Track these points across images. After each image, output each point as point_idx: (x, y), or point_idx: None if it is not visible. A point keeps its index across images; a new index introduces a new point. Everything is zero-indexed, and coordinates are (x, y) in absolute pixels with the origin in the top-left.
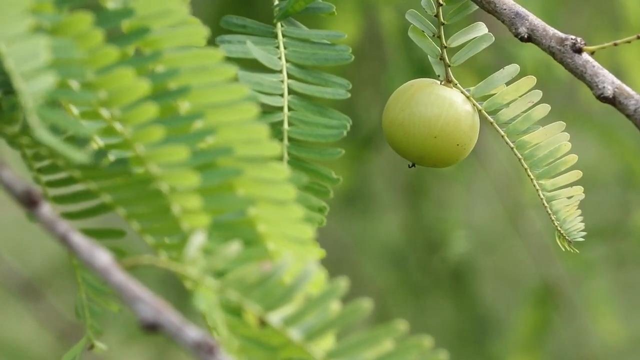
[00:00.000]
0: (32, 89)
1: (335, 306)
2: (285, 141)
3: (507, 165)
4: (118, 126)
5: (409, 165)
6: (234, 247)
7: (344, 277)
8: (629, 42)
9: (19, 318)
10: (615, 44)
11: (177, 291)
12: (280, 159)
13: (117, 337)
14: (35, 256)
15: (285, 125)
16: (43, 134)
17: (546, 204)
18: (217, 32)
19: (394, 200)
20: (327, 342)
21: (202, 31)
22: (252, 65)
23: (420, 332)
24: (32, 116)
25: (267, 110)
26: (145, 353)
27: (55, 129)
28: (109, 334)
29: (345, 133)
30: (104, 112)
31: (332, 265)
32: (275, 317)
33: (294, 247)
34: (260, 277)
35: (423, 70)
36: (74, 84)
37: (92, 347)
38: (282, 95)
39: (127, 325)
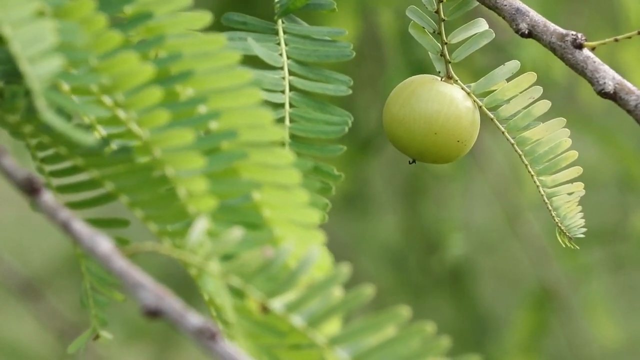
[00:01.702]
0: (38, 72)
1: (337, 292)
2: (287, 138)
3: (506, 167)
4: (122, 114)
5: (409, 161)
6: (236, 233)
7: (346, 263)
8: (629, 37)
9: (19, 318)
10: (617, 40)
11: (179, 281)
12: (284, 144)
13: (117, 336)
14: (35, 256)
15: (287, 122)
16: (50, 117)
17: (547, 201)
18: (218, 29)
19: (393, 200)
20: (329, 328)
21: (205, 17)
22: (253, 62)
23: None
24: (40, 99)
25: (269, 107)
26: (145, 353)
27: (61, 113)
28: (109, 333)
29: (346, 129)
30: (107, 100)
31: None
32: (277, 304)
33: (298, 232)
34: (263, 263)
35: (422, 71)
36: (77, 70)
37: (97, 337)
38: (283, 91)
39: (127, 324)
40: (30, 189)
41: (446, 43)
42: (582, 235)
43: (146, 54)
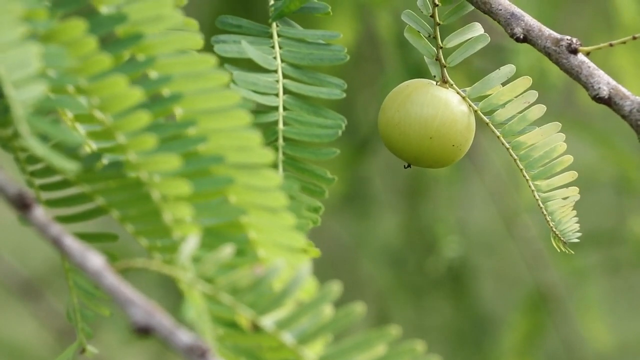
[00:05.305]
0: (22, 97)
1: (327, 310)
2: (281, 141)
3: (503, 170)
4: (112, 130)
5: (404, 165)
6: (226, 251)
7: (336, 281)
8: (624, 42)
9: (19, 318)
10: (611, 45)
11: (176, 293)
12: (273, 165)
13: (118, 337)
14: (35, 256)
15: (280, 125)
16: (33, 143)
17: (541, 205)
18: (213, 32)
19: (392, 201)
20: (319, 346)
21: (196, 37)
22: (247, 65)
23: (419, 333)
24: (22, 125)
25: (262, 110)
26: (146, 353)
27: (45, 137)
28: (109, 334)
29: (340, 133)
30: (98, 115)
31: (331, 266)
32: (267, 321)
33: (284, 255)
34: (253, 281)
35: (420, 73)
36: (68, 89)
37: (83, 350)
38: (277, 94)
39: (128, 324)
40: (21, 204)
41: (441, 47)
42: (576, 240)
43: (136, 75)
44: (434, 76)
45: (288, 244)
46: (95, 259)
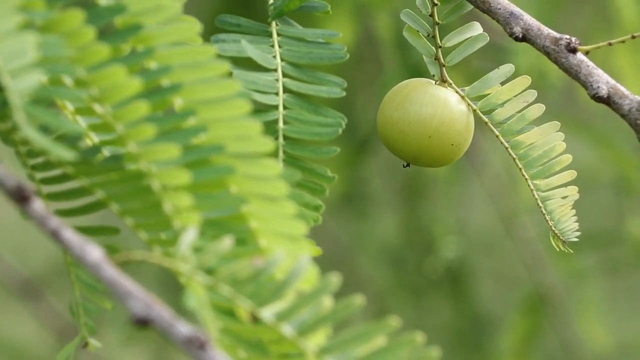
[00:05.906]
0: (19, 87)
1: (327, 302)
2: (281, 139)
3: (501, 170)
4: (111, 121)
5: (403, 165)
6: (226, 243)
7: (336, 272)
8: (623, 42)
9: (19, 318)
10: (610, 44)
11: (175, 288)
12: (273, 155)
13: (118, 336)
14: (35, 256)
15: (281, 124)
16: (30, 132)
17: (540, 204)
18: (213, 32)
19: (392, 200)
20: (320, 337)
21: (195, 27)
22: (247, 64)
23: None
24: (19, 114)
25: (262, 109)
26: (146, 352)
27: (46, 127)
28: (109, 333)
29: (340, 131)
30: (98, 108)
31: (331, 265)
32: (267, 313)
33: (285, 244)
34: (253, 272)
35: (419, 73)
36: (66, 81)
37: (86, 345)
38: (277, 93)
39: (127, 324)
40: (20, 197)
41: (440, 47)
42: (575, 239)
43: (135, 66)
44: (433, 75)
45: (289, 232)
46: (94, 252)
